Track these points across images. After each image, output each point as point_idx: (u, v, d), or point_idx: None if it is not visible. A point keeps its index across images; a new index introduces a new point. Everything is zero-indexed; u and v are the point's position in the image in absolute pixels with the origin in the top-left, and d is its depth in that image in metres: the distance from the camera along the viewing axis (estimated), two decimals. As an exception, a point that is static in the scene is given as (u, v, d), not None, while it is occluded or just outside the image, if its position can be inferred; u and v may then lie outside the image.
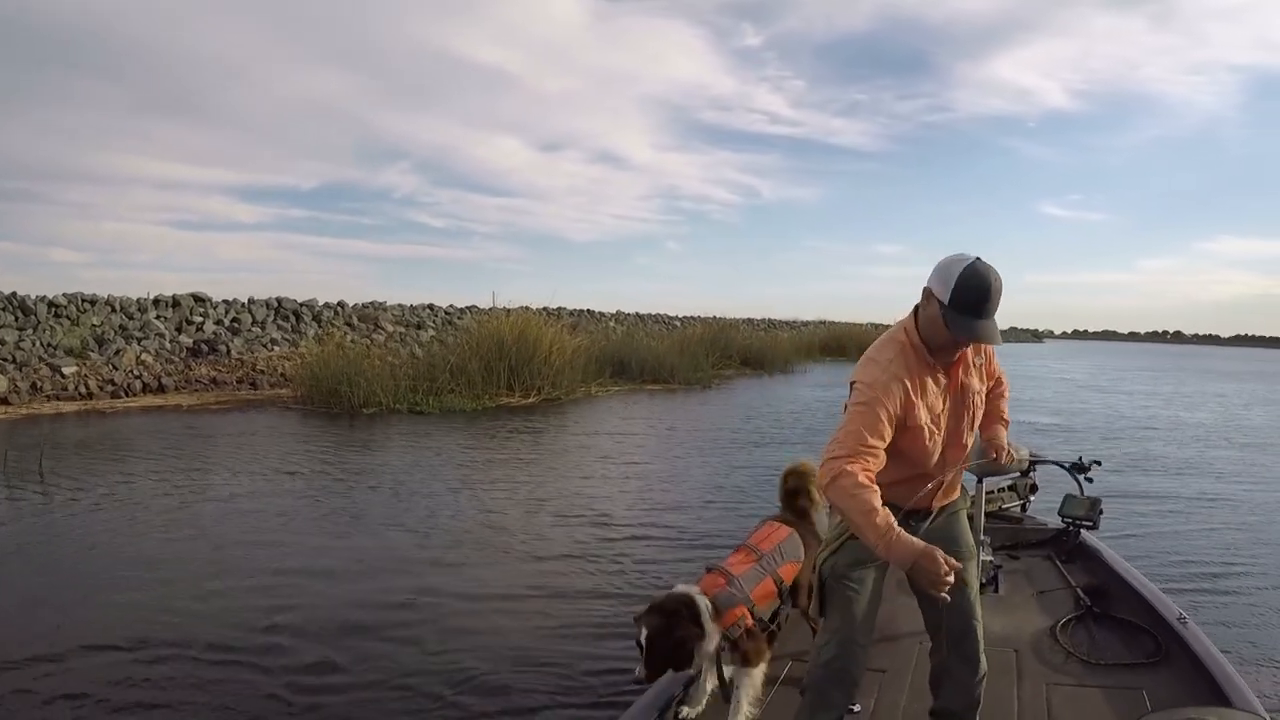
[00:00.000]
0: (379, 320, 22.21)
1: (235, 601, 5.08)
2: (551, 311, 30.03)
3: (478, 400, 14.82)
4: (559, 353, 16.80)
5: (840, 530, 2.44)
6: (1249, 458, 12.22)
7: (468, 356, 15.63)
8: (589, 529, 6.94)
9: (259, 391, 16.98)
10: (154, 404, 15.18)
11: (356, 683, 4.04)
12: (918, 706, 2.93)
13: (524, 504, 7.80)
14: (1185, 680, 3.15)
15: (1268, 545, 6.99)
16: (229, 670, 4.12)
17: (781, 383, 24.69)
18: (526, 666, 4.21)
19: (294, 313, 21.16)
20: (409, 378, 14.55)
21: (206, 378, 17.25)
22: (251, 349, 18.95)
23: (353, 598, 5.20)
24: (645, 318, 34.71)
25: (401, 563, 5.96)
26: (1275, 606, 5.40)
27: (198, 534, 6.59)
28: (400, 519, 7.14)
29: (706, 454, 11.01)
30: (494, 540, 6.57)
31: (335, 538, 6.58)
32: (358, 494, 8.06)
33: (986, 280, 2.16)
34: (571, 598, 5.29)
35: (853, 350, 39.95)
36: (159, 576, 5.53)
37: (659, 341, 24.75)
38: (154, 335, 18.14)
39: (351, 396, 13.62)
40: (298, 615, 4.84)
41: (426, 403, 14.09)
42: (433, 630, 4.70)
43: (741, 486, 8.92)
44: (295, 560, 5.96)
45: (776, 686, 3.16)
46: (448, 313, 24.83)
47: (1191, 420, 17.37)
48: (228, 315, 20.09)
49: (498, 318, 17.06)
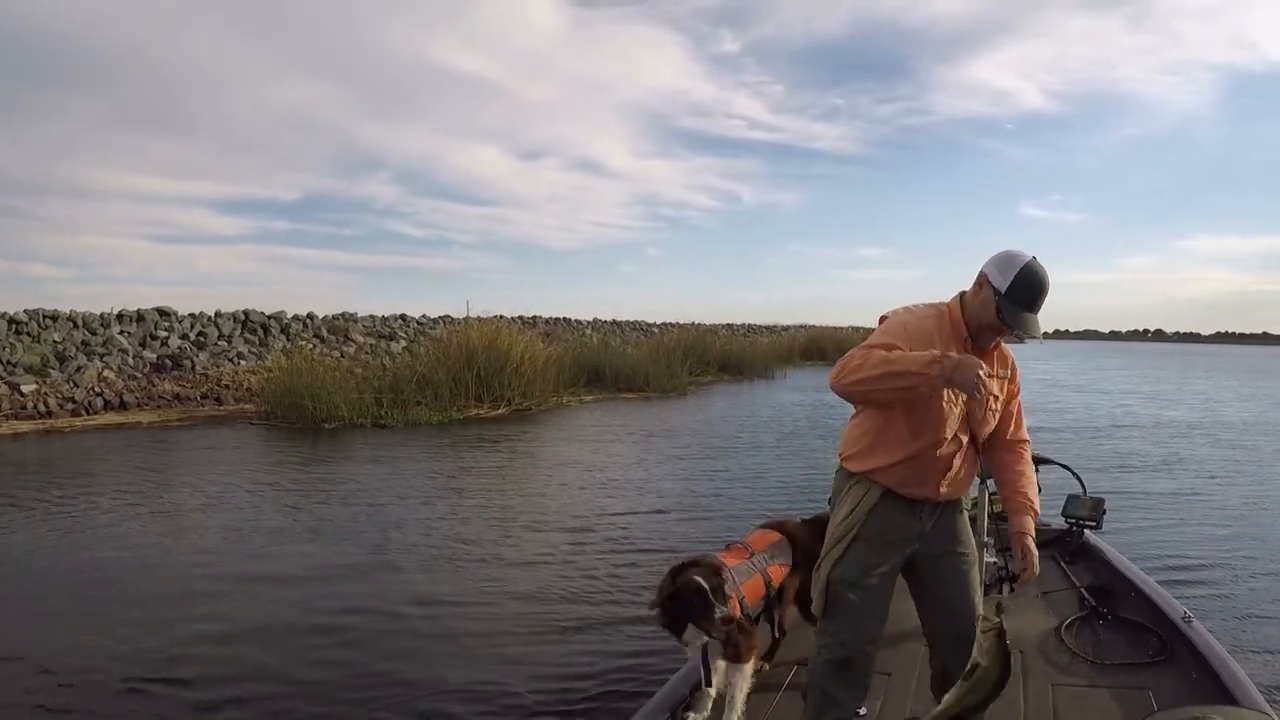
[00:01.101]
0: (349, 332, 21.89)
1: (188, 621, 4.94)
2: (527, 320, 29.79)
3: (445, 412, 14.52)
4: (530, 362, 16.53)
5: (844, 532, 2.42)
6: (1246, 455, 12.18)
7: (435, 367, 15.33)
8: (555, 539, 6.84)
9: (223, 407, 16.64)
10: (114, 422, 14.83)
11: (320, 695, 3.97)
12: (923, 709, 2.84)
13: (489, 517, 7.61)
14: (1191, 679, 3.12)
15: (1270, 543, 6.98)
16: (180, 690, 4.02)
17: (759, 389, 24.52)
18: (501, 677, 4.17)
19: (262, 325, 20.81)
20: (373, 390, 14.18)
21: (170, 394, 16.90)
22: (217, 363, 18.62)
23: (308, 613, 5.10)
24: (623, 325, 34.50)
25: (359, 578, 5.84)
26: (1279, 603, 5.39)
27: (148, 554, 6.38)
28: (355, 536, 6.91)
29: (675, 462, 10.82)
30: (454, 554, 6.41)
31: (283, 556, 6.35)
32: (310, 510, 7.80)
33: (1043, 280, 2.30)
34: (542, 608, 5.23)
35: (833, 354, 39.91)
36: (109, 596, 5.40)
37: (636, 349, 24.55)
38: (117, 351, 17.78)
39: (314, 411, 13.27)
40: (249, 636, 4.72)
41: (391, 416, 13.77)
42: (394, 644, 4.63)
43: (709, 494, 8.79)
44: (249, 579, 5.81)
45: (781, 692, 3.15)
46: (420, 323, 24.50)
47: (1187, 419, 17.32)
48: (193, 329, 19.73)
49: (468, 327, 16.79)
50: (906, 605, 2.83)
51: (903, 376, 2.15)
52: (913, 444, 2.34)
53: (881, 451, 2.38)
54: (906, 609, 3.33)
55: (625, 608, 5.14)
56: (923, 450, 2.35)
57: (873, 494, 2.40)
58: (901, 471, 2.36)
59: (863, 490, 2.41)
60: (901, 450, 2.34)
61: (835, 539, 2.44)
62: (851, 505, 2.42)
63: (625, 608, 5.14)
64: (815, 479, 9.50)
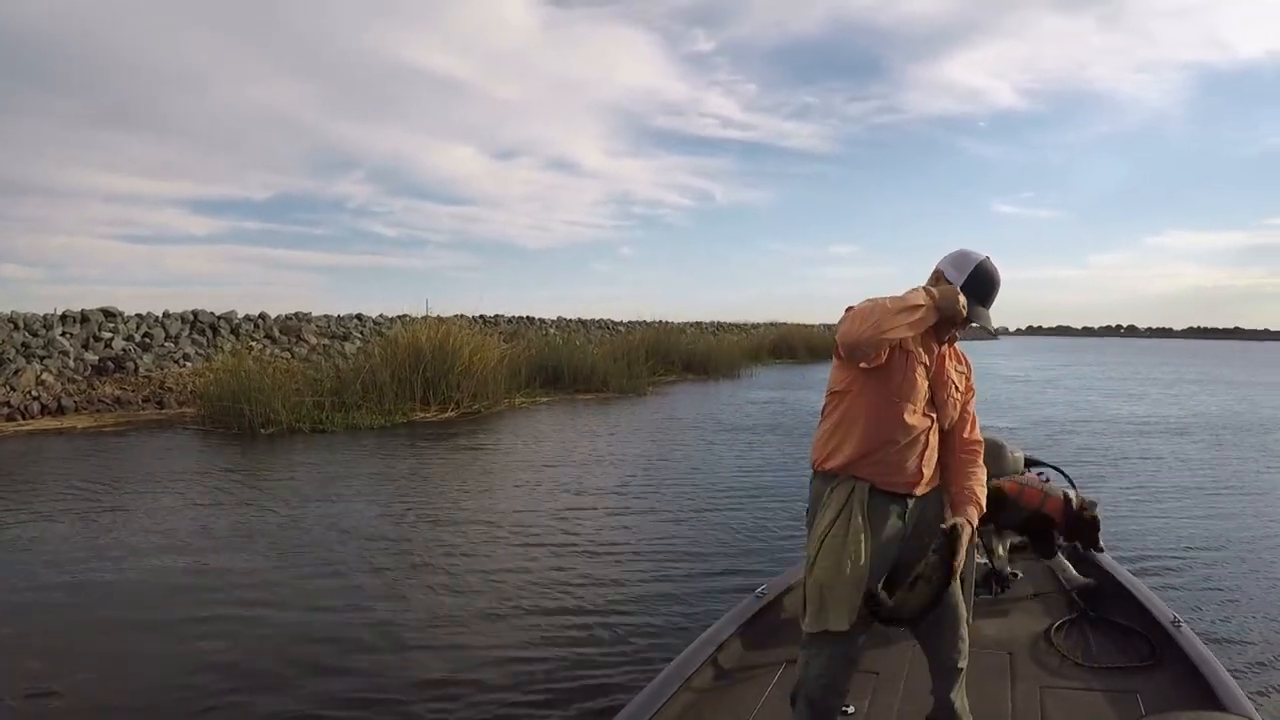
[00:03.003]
0: (302, 332, 21.46)
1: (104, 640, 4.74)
2: (488, 319, 29.45)
3: (388, 416, 14.15)
4: (480, 362, 16.18)
5: (823, 535, 2.44)
6: (1242, 454, 12.17)
7: (380, 368, 14.95)
8: (483, 547, 6.67)
9: (165, 410, 16.17)
10: (49, 427, 14.35)
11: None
12: (911, 709, 2.93)
13: (418, 521, 7.33)
14: (1179, 683, 3.14)
15: (1260, 547, 6.96)
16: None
17: (724, 388, 24.28)
18: (460, 685, 4.14)
19: (211, 326, 20.34)
20: (313, 393, 13.75)
21: (110, 397, 16.41)
22: (162, 365, 18.14)
23: (224, 626, 4.93)
24: (588, 324, 34.19)
25: (272, 597, 5.55)
26: (1268, 609, 5.39)
27: (53, 570, 6.04)
28: (271, 549, 6.60)
29: (617, 463, 10.58)
30: (381, 562, 6.17)
31: (193, 571, 6.04)
32: (227, 519, 7.45)
33: (995, 277, 2.51)
34: (483, 619, 5.10)
35: (803, 352, 39.82)
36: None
37: (598, 348, 24.24)
38: (58, 353, 17.27)
39: (250, 416, 12.86)
40: (162, 657, 4.51)
41: (331, 420, 13.38)
42: (326, 662, 4.48)
43: (640, 494, 8.63)
44: (158, 594, 5.62)
45: (769, 690, 3.15)
46: (376, 322, 24.06)
47: (1175, 415, 17.27)
48: (139, 330, 19.23)
49: (415, 327, 16.42)
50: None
51: (913, 310, 2.29)
52: (889, 412, 2.41)
53: (857, 436, 2.42)
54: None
55: (566, 616, 5.07)
56: (896, 425, 2.41)
57: (859, 491, 2.42)
58: (880, 458, 2.42)
59: (847, 490, 2.43)
60: (879, 421, 2.41)
61: (820, 544, 2.44)
62: (837, 508, 2.42)
63: (566, 616, 5.07)
64: (761, 479, 9.30)
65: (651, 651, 4.50)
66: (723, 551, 6.60)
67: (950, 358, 2.57)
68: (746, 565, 6.19)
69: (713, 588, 5.69)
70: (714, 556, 6.46)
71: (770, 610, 3.74)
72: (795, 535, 7.20)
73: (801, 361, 38.33)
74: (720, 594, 5.46)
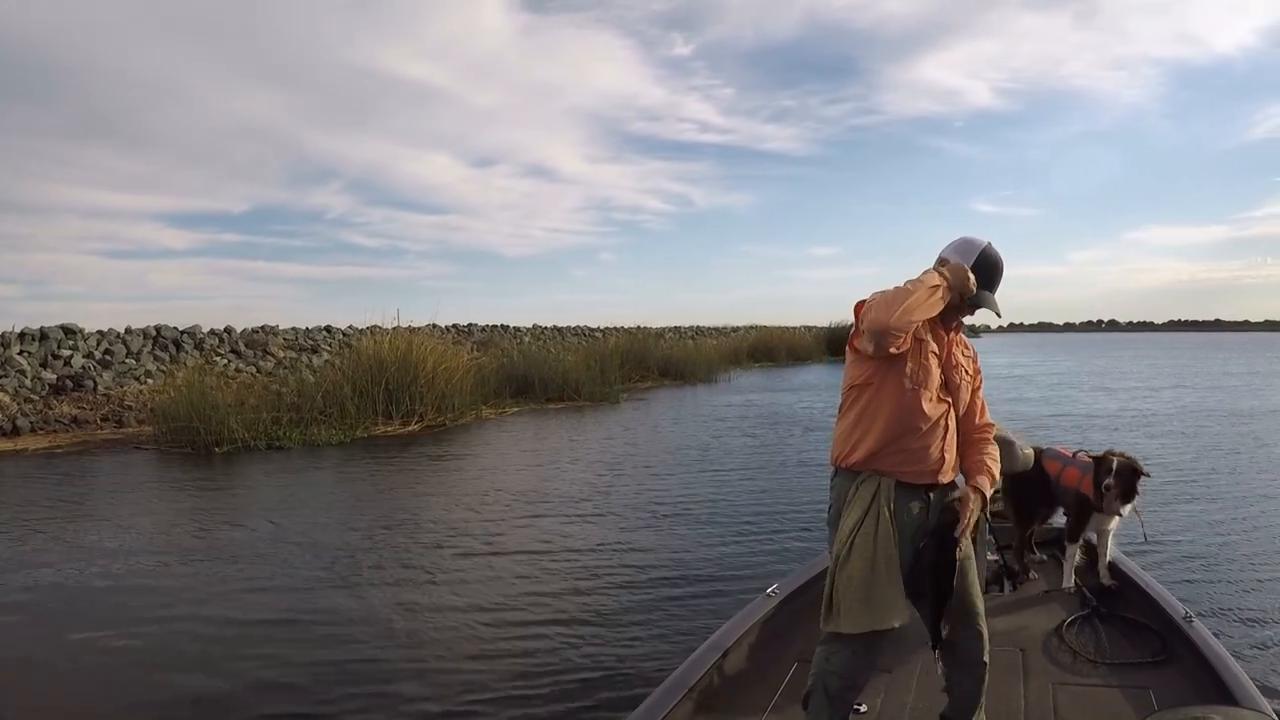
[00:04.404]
0: (268, 345, 21.12)
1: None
2: (461, 328, 29.17)
3: (349, 431, 13.84)
4: (445, 374, 15.88)
5: (851, 533, 2.44)
6: (1241, 450, 12.10)
7: (341, 382, 14.63)
8: (445, 561, 6.51)
9: (124, 429, 15.80)
10: (2, 449, 14.00)
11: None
12: (924, 706, 2.96)
13: (376, 540, 7.04)
14: (1191, 679, 3.16)
15: (1269, 539, 6.96)
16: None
17: (701, 394, 24.03)
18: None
19: (174, 341, 19.97)
20: (270, 408, 13.42)
21: (67, 417, 16.04)
22: (122, 383, 17.78)
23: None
24: (564, 330, 33.94)
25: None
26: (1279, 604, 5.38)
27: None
28: (201, 572, 6.31)
29: (582, 475, 10.32)
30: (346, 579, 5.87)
31: (128, 592, 5.75)
32: (173, 547, 7.17)
33: (999, 261, 2.57)
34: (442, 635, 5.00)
35: (783, 355, 39.67)
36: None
37: (573, 355, 23.96)
38: (14, 373, 16.90)
39: (205, 433, 12.53)
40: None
41: (289, 436, 13.07)
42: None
43: (614, 506, 8.49)
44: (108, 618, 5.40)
45: (781, 689, 3.16)
46: (345, 334, 23.73)
47: (1180, 408, 17.16)
48: (99, 347, 18.86)
49: (377, 338, 16.09)
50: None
51: (933, 290, 2.35)
52: (908, 401, 2.43)
53: (881, 424, 2.44)
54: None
55: (556, 627, 5.01)
56: (916, 412, 2.43)
57: (885, 487, 2.44)
58: (902, 446, 2.44)
59: (873, 486, 2.46)
60: (899, 410, 2.43)
61: (849, 542, 2.45)
62: (864, 505, 2.45)
63: (556, 627, 5.01)
64: (714, 494, 9.08)
65: (661, 657, 4.50)
66: (694, 562, 6.40)
67: (957, 344, 2.61)
68: (730, 572, 6.16)
69: (708, 591, 5.71)
70: (699, 565, 6.35)
71: (781, 610, 3.74)
72: (781, 534, 7.14)
73: (781, 364, 38.20)
74: (724, 596, 5.48)
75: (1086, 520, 4.26)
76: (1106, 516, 4.22)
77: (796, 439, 13.79)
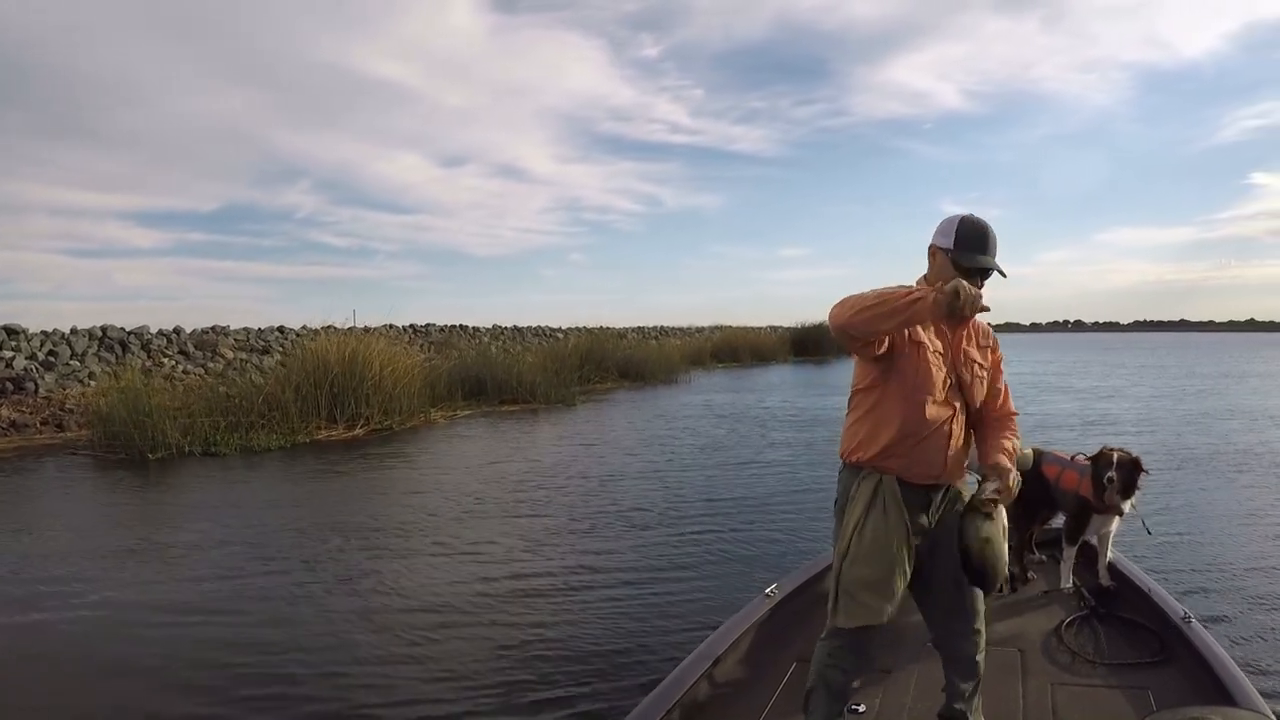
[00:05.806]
0: (218, 346, 20.83)
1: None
2: (419, 329, 28.94)
3: (290, 436, 13.63)
4: (392, 376, 15.71)
5: (853, 529, 2.47)
6: (1242, 448, 12.20)
7: (282, 385, 14.43)
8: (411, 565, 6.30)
9: (64, 433, 15.50)
10: (-68, 454, 13.68)
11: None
12: (923, 707, 2.96)
13: (302, 553, 6.93)
14: (1190, 679, 3.17)
15: (1268, 539, 6.99)
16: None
17: (662, 395, 23.94)
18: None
19: (120, 342, 19.64)
20: (208, 412, 13.18)
21: (6, 420, 15.72)
22: (64, 385, 17.45)
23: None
24: (524, 331, 33.79)
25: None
26: (1278, 603, 5.40)
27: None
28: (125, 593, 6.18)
29: (530, 477, 10.25)
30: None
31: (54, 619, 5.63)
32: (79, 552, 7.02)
33: (983, 225, 2.49)
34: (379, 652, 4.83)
35: (746, 355, 39.75)
36: None
37: (531, 355, 23.84)
38: (-48, 375, 16.55)
39: (138, 439, 12.31)
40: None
41: (226, 442, 12.86)
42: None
43: (557, 509, 8.43)
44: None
45: (779, 690, 3.16)
46: (299, 334, 23.46)
47: (1174, 410, 17.31)
48: (43, 348, 18.50)
49: (322, 339, 15.88)
50: (906, 602, 2.76)
51: (913, 302, 2.22)
52: (909, 408, 2.43)
53: (883, 429, 2.46)
54: (907, 605, 3.21)
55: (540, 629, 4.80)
56: (919, 413, 2.43)
57: (887, 484, 2.46)
58: (904, 450, 2.45)
59: (874, 482, 2.48)
60: (900, 417, 2.43)
61: (851, 539, 2.48)
62: (866, 501, 2.47)
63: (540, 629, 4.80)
64: (660, 502, 9.06)
65: (656, 657, 4.52)
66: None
67: (969, 338, 2.58)
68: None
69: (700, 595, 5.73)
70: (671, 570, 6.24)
71: (779, 610, 3.72)
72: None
73: (745, 364, 38.26)
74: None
75: (1086, 523, 4.29)
76: (1106, 518, 4.26)
77: (755, 439, 13.93)
